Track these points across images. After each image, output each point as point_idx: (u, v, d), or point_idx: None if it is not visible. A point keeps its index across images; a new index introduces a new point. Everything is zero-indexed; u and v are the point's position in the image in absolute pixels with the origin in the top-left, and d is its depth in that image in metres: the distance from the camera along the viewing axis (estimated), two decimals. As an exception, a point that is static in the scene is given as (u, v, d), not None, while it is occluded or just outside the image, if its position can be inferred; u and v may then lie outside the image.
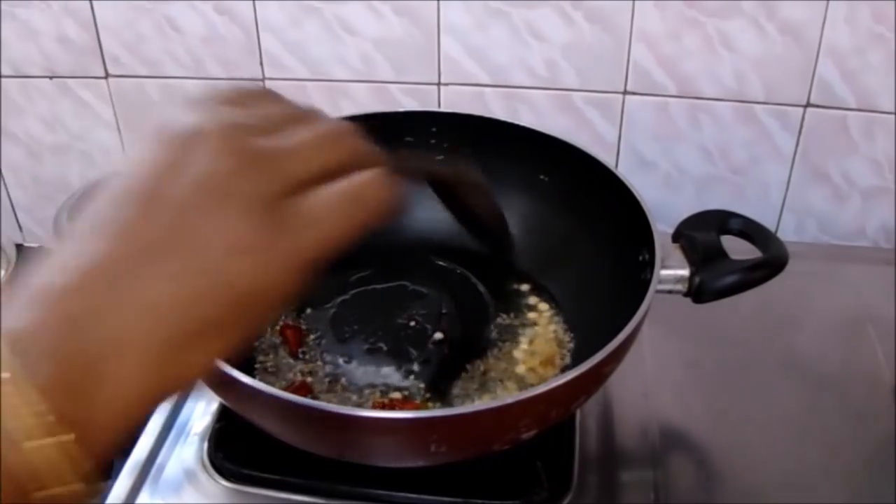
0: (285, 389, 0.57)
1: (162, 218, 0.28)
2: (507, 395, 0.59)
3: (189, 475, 0.60)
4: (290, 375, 0.62)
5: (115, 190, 0.29)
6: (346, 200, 0.31)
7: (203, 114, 0.30)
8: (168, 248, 0.27)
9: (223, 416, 0.62)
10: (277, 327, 0.65)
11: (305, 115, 0.33)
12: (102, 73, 0.89)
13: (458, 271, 0.70)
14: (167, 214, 0.28)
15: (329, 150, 0.32)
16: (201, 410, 0.64)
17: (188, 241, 0.27)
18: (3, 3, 0.85)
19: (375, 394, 0.60)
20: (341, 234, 0.30)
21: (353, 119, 0.68)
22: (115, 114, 0.91)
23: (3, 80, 0.90)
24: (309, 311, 0.67)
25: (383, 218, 0.32)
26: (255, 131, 0.30)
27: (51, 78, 0.90)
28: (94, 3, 0.84)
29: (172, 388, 0.28)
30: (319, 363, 0.63)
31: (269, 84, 0.88)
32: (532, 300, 0.68)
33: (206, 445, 0.61)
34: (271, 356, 0.63)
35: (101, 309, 0.26)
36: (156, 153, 0.29)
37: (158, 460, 0.61)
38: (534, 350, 0.64)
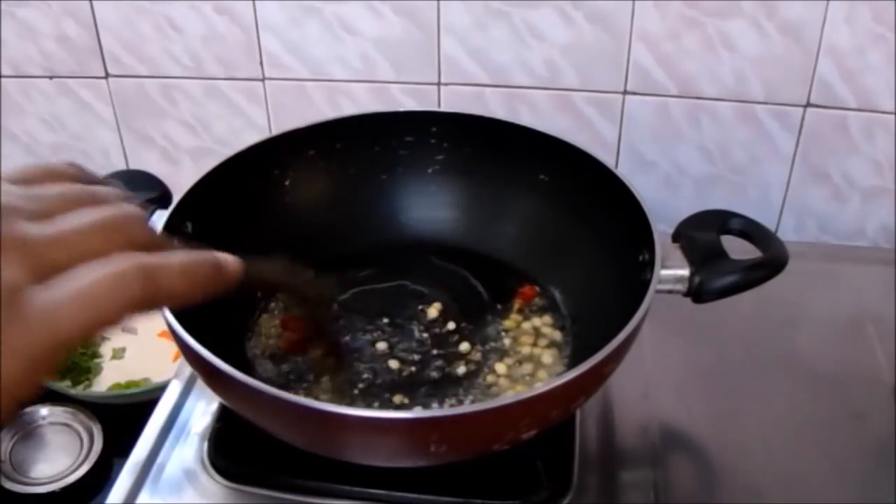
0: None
1: None
2: (507, 396, 0.59)
3: (189, 475, 0.60)
4: (290, 375, 0.62)
5: None
6: (91, 291, 0.28)
7: None
8: None
9: (223, 416, 0.62)
10: (277, 323, 0.65)
11: (101, 199, 0.31)
12: (102, 73, 0.89)
13: (458, 271, 0.70)
14: None
15: (101, 237, 0.30)
16: (201, 410, 0.64)
17: None
18: (3, 3, 0.85)
19: (375, 393, 0.60)
20: (82, 331, 0.27)
21: (353, 119, 0.70)
22: (115, 114, 0.91)
23: (3, 80, 0.90)
24: (309, 310, 0.67)
25: (147, 308, 0.29)
26: (23, 214, 0.29)
27: (51, 78, 0.90)
28: (94, 3, 0.85)
29: None
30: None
31: (268, 84, 0.88)
32: (532, 300, 0.68)
33: (206, 445, 0.61)
34: (270, 355, 0.63)
35: None
36: None
37: (158, 460, 0.61)
38: (533, 350, 0.64)
